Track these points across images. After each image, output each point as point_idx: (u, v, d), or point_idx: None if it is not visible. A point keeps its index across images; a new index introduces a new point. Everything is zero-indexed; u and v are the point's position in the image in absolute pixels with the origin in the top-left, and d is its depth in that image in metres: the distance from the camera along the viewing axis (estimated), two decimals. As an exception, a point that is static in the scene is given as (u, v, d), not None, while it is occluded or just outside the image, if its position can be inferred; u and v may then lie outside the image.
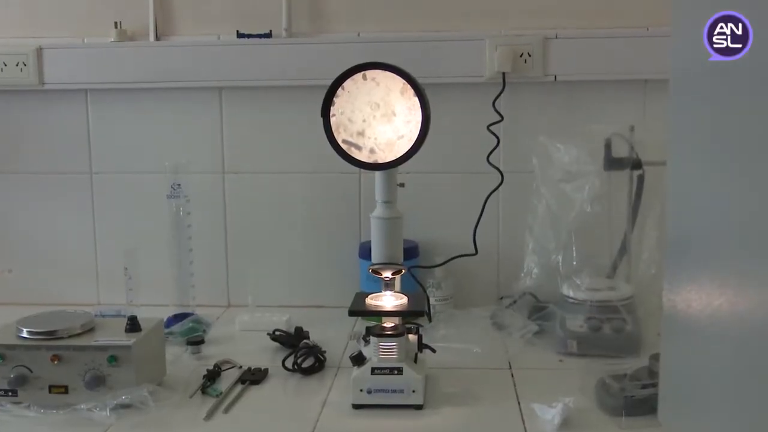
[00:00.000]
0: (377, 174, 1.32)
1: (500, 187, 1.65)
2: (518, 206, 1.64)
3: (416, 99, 1.27)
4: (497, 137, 1.66)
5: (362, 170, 1.42)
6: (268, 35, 1.73)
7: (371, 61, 1.27)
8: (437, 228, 1.75)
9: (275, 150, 1.77)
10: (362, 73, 1.28)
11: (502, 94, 1.67)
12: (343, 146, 1.29)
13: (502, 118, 1.67)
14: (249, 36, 1.73)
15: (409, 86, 1.27)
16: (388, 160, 1.29)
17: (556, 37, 1.68)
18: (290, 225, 1.78)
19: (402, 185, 1.34)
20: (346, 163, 1.30)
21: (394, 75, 1.27)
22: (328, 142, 1.29)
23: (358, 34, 1.74)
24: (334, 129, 1.28)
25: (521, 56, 1.67)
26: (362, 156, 1.29)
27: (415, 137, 1.27)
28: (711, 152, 0.95)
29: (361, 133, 1.29)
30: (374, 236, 1.33)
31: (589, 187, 1.51)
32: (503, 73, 1.67)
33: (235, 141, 1.78)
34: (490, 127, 1.66)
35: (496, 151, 1.66)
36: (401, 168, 1.31)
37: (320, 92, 1.29)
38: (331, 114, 1.28)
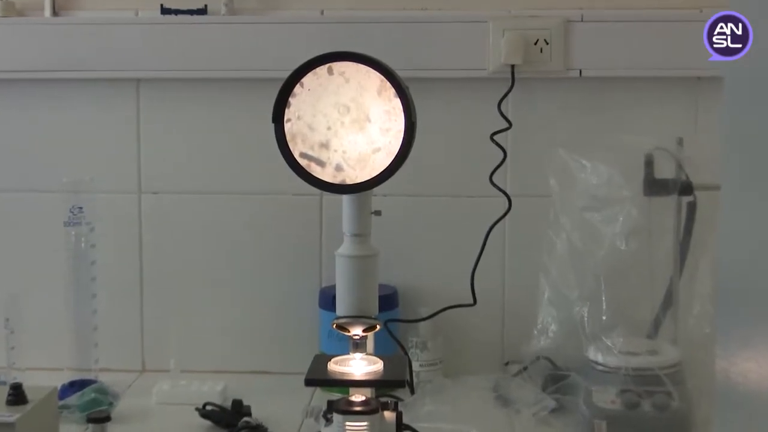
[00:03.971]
0: (345, 198, 1.34)
1: (507, 216, 1.68)
2: (530, 242, 1.67)
3: (398, 100, 1.29)
4: (503, 150, 1.69)
5: (325, 193, 1.44)
6: (203, 11, 1.75)
7: (339, 51, 1.30)
8: (423, 270, 1.77)
9: (209, 163, 1.79)
10: (327, 65, 1.29)
11: (510, 94, 1.70)
12: (301, 161, 1.31)
13: (511, 124, 1.70)
14: (177, 12, 1.75)
15: (388, 83, 1.29)
16: (359, 180, 1.30)
17: (582, 20, 1.71)
18: (228, 263, 1.80)
19: (378, 213, 1.36)
20: (305, 182, 1.31)
21: (369, 69, 1.29)
22: (280, 155, 1.31)
23: (322, 12, 1.76)
24: (289, 138, 1.30)
25: (536, 44, 1.71)
26: (326, 174, 1.31)
27: (396, 150, 1.29)
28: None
29: (324, 145, 1.31)
30: (340, 280, 1.35)
31: (623, 218, 1.53)
32: (512, 66, 1.70)
33: (155, 150, 1.80)
34: (494, 136, 1.69)
35: (501, 168, 1.69)
36: (377, 190, 1.33)
37: (271, 89, 1.31)
38: (285, 119, 1.30)
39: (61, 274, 1.66)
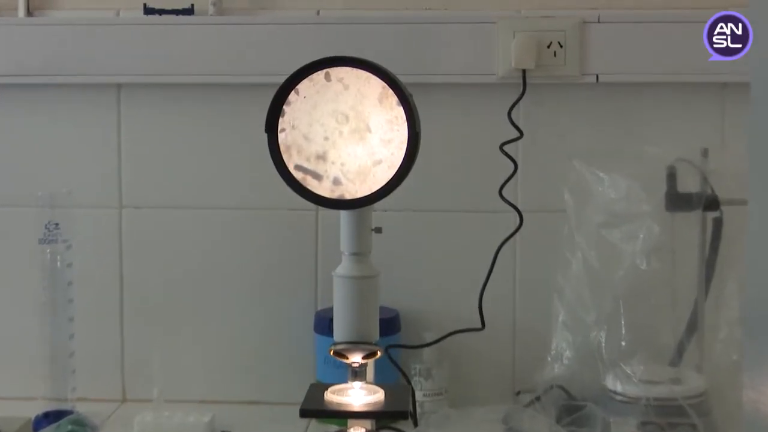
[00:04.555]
0: (343, 214, 1.35)
1: (518, 233, 1.68)
2: (543, 261, 1.68)
3: (400, 109, 1.30)
4: (514, 161, 1.69)
5: (322, 208, 1.45)
6: (189, 11, 1.76)
7: (337, 56, 1.31)
8: (427, 291, 1.78)
9: (196, 176, 1.79)
10: (324, 71, 1.31)
11: (521, 101, 1.71)
12: (296, 174, 1.32)
13: (522, 134, 1.70)
14: (161, 12, 1.76)
15: (390, 91, 1.30)
16: (359, 194, 1.32)
17: (599, 21, 1.72)
18: (216, 284, 1.80)
19: (379, 230, 1.36)
20: (300, 197, 1.32)
21: (370, 74, 1.30)
22: (273, 168, 1.32)
23: (318, 13, 1.77)
24: (283, 150, 1.31)
25: (549, 47, 1.71)
26: (323, 188, 1.32)
27: (399, 163, 1.31)
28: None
29: (321, 157, 1.32)
30: (338, 303, 1.36)
31: (644, 235, 1.54)
32: (523, 71, 1.71)
33: (137, 161, 1.80)
34: (504, 146, 1.70)
35: (512, 181, 1.69)
36: (377, 206, 1.34)
37: (264, 95, 1.32)
38: (279, 128, 1.31)
39: (35, 296, 1.66)
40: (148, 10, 1.76)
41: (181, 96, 1.78)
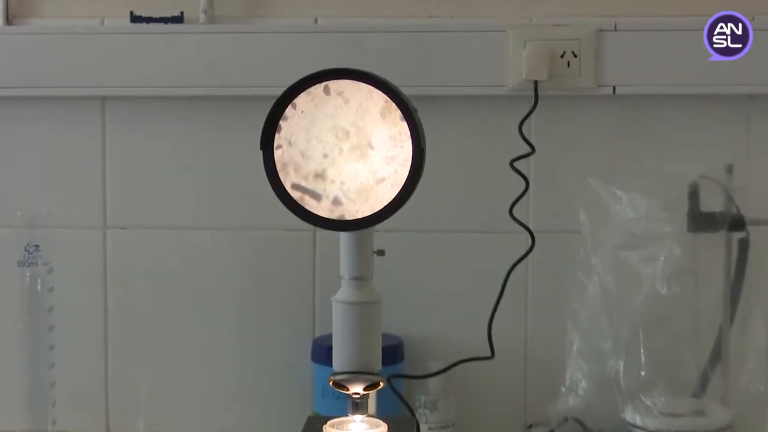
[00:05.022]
0: (343, 236, 1.35)
1: (529, 255, 1.68)
2: (557, 285, 1.67)
3: (404, 124, 1.30)
4: (525, 179, 1.69)
5: (320, 229, 1.45)
6: (179, 19, 1.77)
7: (337, 68, 1.31)
8: (432, 317, 1.78)
9: (185, 194, 1.80)
10: (323, 84, 1.31)
11: (533, 114, 1.71)
12: (293, 193, 1.32)
13: (534, 149, 1.70)
14: (149, 20, 1.76)
15: (393, 105, 1.30)
16: (360, 215, 1.31)
17: (615, 29, 1.72)
18: (206, 310, 1.80)
19: (381, 253, 1.36)
20: (297, 218, 1.32)
21: (372, 88, 1.30)
22: (269, 187, 1.32)
23: (316, 21, 1.77)
24: (279, 167, 1.31)
25: (562, 57, 1.72)
26: (322, 209, 1.32)
27: (402, 181, 1.30)
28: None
29: (320, 175, 1.32)
30: (337, 330, 1.36)
31: (664, 258, 1.54)
32: (535, 83, 1.71)
33: (123, 179, 1.80)
34: (514, 163, 1.70)
35: (523, 199, 1.69)
36: (380, 227, 1.34)
37: (259, 109, 1.32)
38: (275, 145, 1.31)
39: (13, 322, 1.65)
40: (135, 18, 1.77)
41: (169, 109, 1.78)
